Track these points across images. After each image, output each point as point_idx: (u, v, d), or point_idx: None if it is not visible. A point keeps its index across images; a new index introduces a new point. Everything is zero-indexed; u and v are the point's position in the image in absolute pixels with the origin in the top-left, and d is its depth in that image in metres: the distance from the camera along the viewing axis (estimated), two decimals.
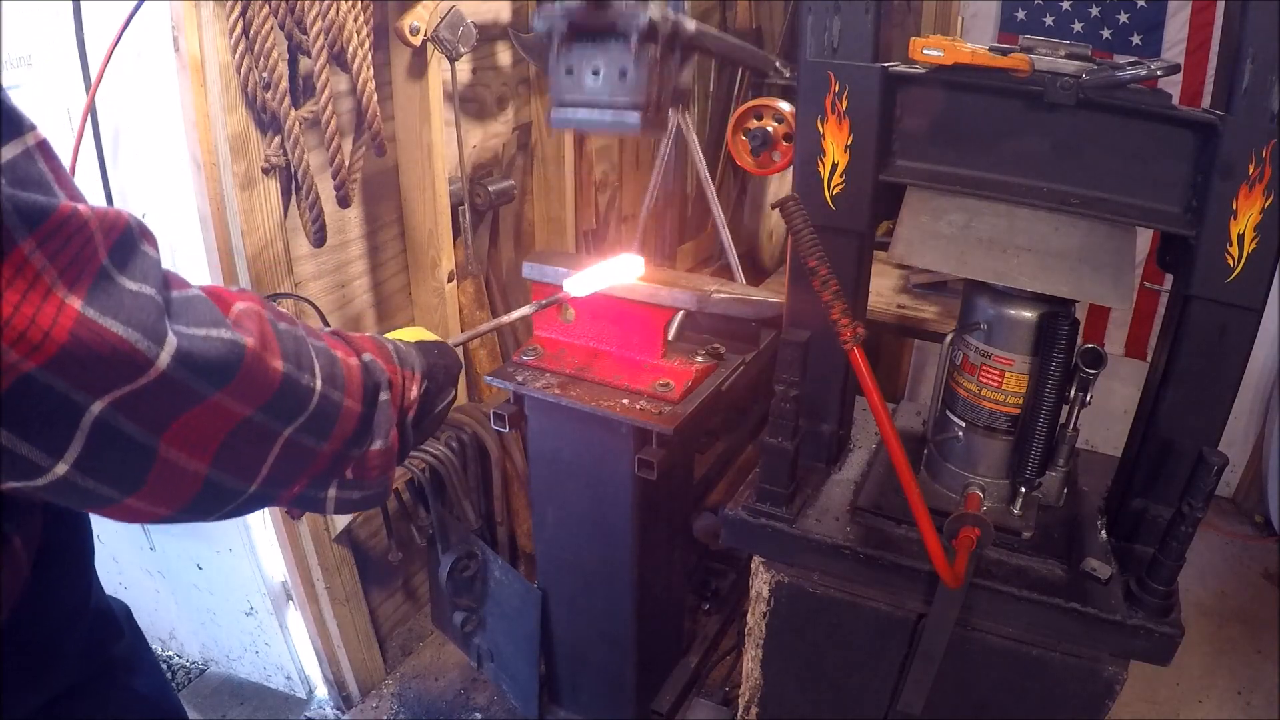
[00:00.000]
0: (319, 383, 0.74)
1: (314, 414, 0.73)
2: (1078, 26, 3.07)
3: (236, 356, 0.63)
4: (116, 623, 0.95)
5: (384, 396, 0.84)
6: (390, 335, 1.04)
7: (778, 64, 2.17)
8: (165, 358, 0.58)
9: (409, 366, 0.93)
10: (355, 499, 0.85)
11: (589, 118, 1.51)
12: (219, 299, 0.67)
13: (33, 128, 0.54)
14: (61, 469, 0.57)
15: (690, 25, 1.55)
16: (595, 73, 1.49)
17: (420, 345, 1.01)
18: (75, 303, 0.53)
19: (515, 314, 1.37)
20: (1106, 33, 3.03)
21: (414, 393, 0.92)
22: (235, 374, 0.64)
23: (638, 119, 1.47)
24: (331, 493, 0.82)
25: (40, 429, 0.55)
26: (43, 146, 0.55)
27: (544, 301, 1.46)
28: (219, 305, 0.66)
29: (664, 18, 1.46)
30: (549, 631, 2.12)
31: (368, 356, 0.85)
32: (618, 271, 1.55)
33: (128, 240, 0.58)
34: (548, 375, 1.76)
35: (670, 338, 1.79)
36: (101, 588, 0.93)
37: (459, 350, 1.12)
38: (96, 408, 0.56)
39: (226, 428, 0.65)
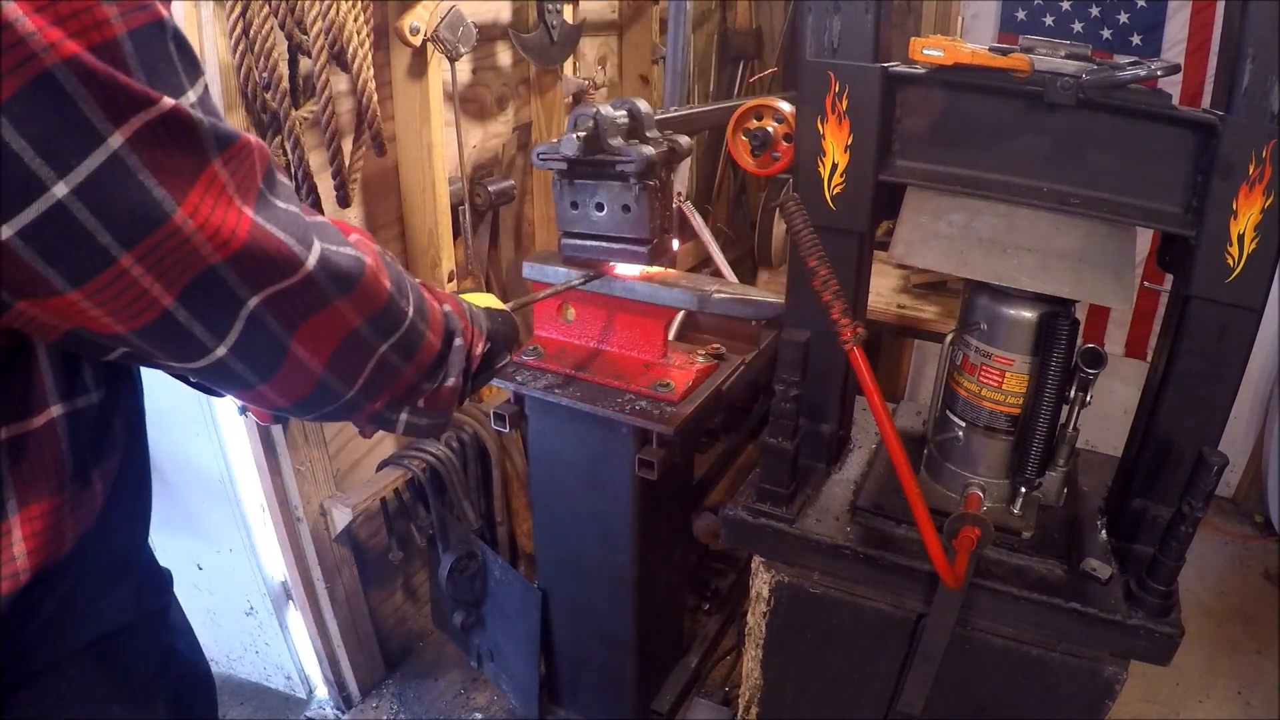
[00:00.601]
0: (411, 310, 0.86)
1: (404, 335, 0.85)
2: (1078, 26, 3.07)
3: (359, 270, 0.76)
4: (164, 579, 1.03)
5: (458, 342, 0.97)
6: (475, 298, 1.17)
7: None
8: (312, 261, 0.70)
9: (478, 325, 1.05)
10: (422, 424, 0.97)
11: (598, 251, 1.57)
12: (341, 226, 0.80)
13: (204, 70, 0.65)
14: (221, 351, 0.69)
15: (685, 142, 1.59)
16: (600, 207, 1.53)
17: (488, 310, 1.13)
18: (249, 212, 0.65)
19: (562, 285, 1.51)
20: (1106, 33, 3.03)
21: (479, 348, 1.03)
22: (357, 284, 0.76)
23: (646, 253, 1.54)
24: (404, 416, 0.94)
25: (212, 314, 0.66)
26: (207, 87, 0.65)
27: (593, 274, 1.51)
28: (341, 230, 0.78)
29: (659, 148, 1.50)
30: (549, 631, 2.12)
31: (447, 308, 0.97)
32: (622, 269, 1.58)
33: (271, 170, 0.70)
34: (548, 375, 1.76)
35: (670, 338, 1.79)
36: (151, 548, 1.01)
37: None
38: (253, 302, 0.68)
39: (340, 334, 0.77)
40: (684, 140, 1.61)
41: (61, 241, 0.56)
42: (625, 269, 1.60)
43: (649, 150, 1.46)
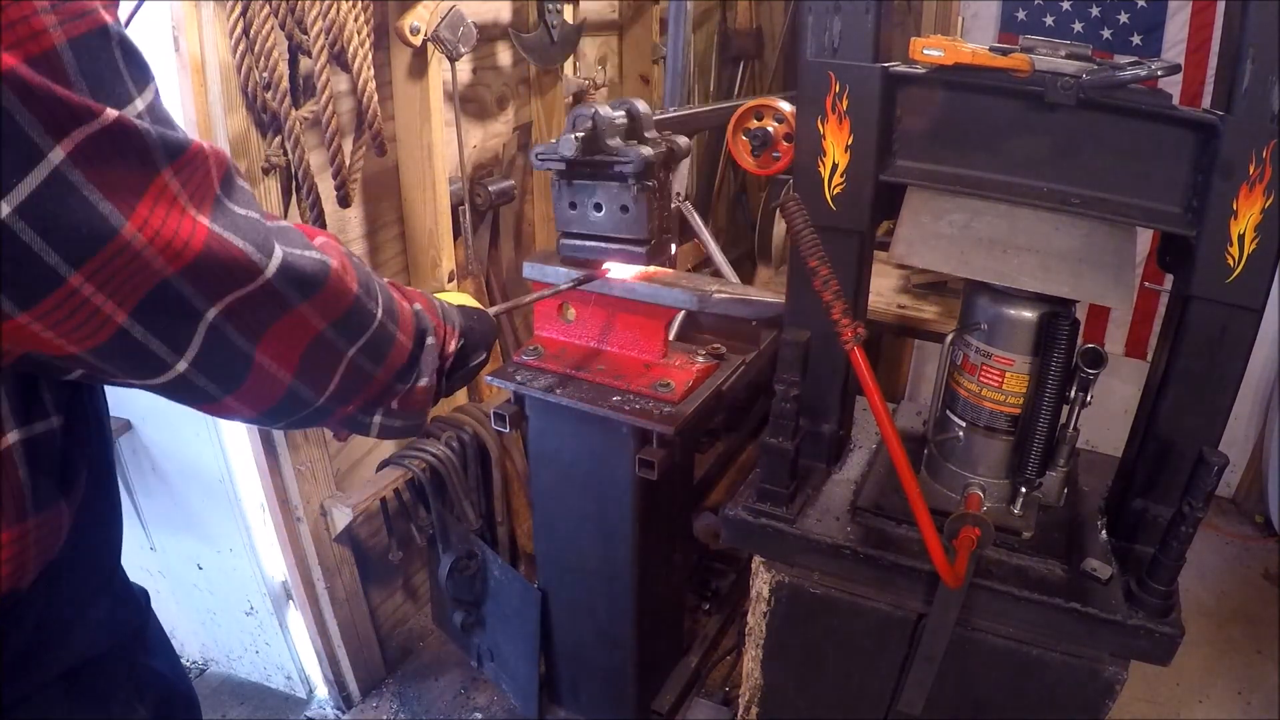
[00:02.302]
0: (380, 311, 0.85)
1: (373, 337, 0.84)
2: (1078, 26, 3.07)
3: (324, 273, 0.75)
4: (137, 600, 1.00)
5: (430, 341, 0.96)
6: (449, 297, 1.15)
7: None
8: (272, 267, 0.69)
9: (450, 322, 1.04)
10: (397, 426, 0.96)
11: (597, 250, 1.57)
12: (304, 230, 0.79)
13: (154, 76, 0.64)
14: (182, 366, 0.67)
15: (684, 142, 1.59)
16: (598, 208, 1.53)
17: (461, 308, 1.12)
18: (204, 220, 0.64)
19: (552, 291, 1.48)
20: (1107, 33, 3.03)
21: (452, 346, 1.02)
22: (320, 288, 0.75)
23: (644, 252, 1.54)
24: (377, 419, 0.94)
25: (169, 328, 0.65)
26: (157, 93, 0.64)
27: (581, 277, 1.51)
28: (305, 234, 0.77)
29: (657, 149, 1.50)
30: (549, 631, 2.12)
31: (418, 306, 0.96)
32: (618, 270, 1.57)
33: (230, 175, 0.69)
34: (548, 375, 1.76)
35: (671, 338, 1.79)
36: (124, 569, 0.97)
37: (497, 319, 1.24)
38: (212, 313, 0.66)
39: (306, 339, 0.76)
40: (682, 141, 1.61)
41: (7, 264, 0.54)
42: (617, 271, 1.60)
43: (647, 151, 1.46)
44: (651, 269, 1.67)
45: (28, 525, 0.70)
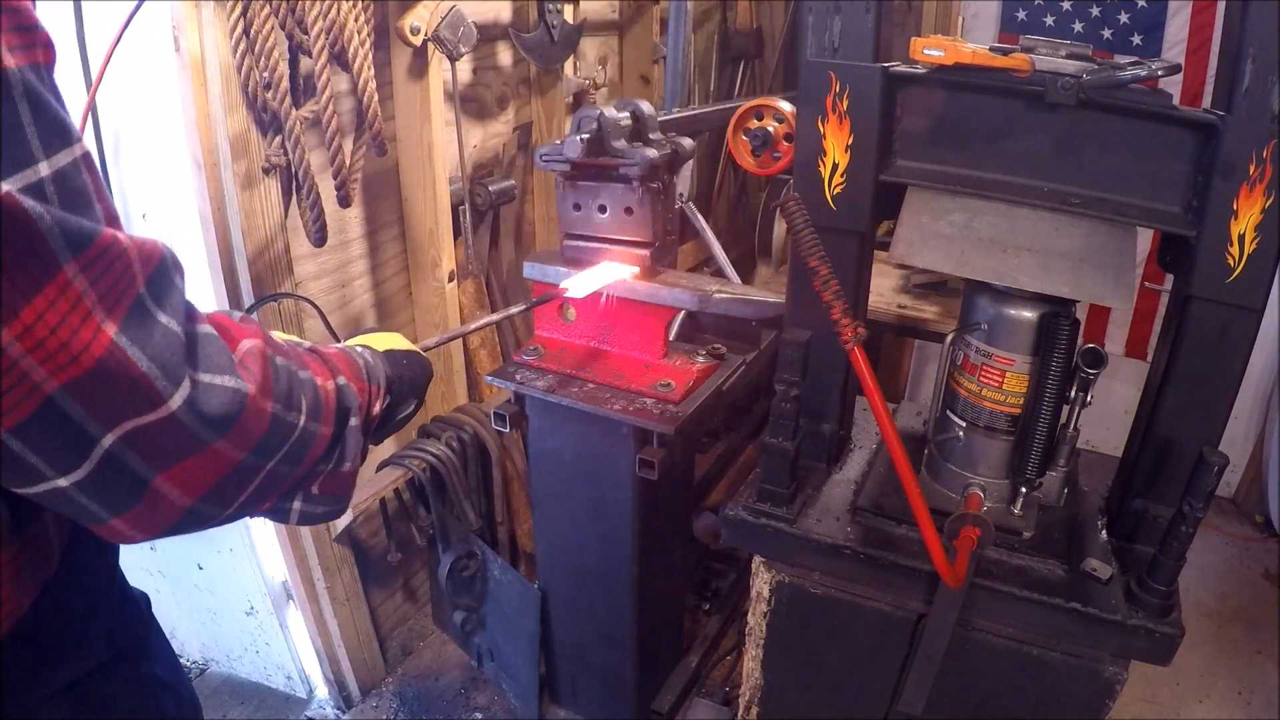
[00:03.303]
0: (303, 418, 0.76)
1: (294, 445, 0.75)
2: (1078, 26, 3.07)
3: (239, 406, 0.66)
4: (139, 607, 0.98)
5: (353, 422, 0.86)
6: (362, 340, 1.05)
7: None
8: (178, 400, 0.60)
9: (375, 381, 0.94)
10: (318, 513, 0.87)
11: (601, 253, 1.59)
12: (228, 336, 0.69)
13: (79, 139, 0.56)
14: (63, 483, 0.58)
15: (688, 144, 1.59)
16: (602, 209, 1.53)
17: (389, 355, 1.02)
18: (110, 329, 0.55)
19: (492, 317, 1.41)
20: (1107, 33, 3.03)
21: (377, 408, 0.94)
22: (234, 423, 0.66)
23: (648, 255, 1.54)
24: (296, 505, 0.85)
25: (55, 450, 0.57)
26: (86, 159, 0.56)
27: (535, 300, 1.49)
28: (228, 343, 0.68)
29: (662, 151, 1.50)
30: (549, 631, 2.12)
31: (342, 380, 0.86)
32: (614, 270, 1.57)
33: (163, 271, 0.60)
34: (548, 375, 1.76)
35: (671, 338, 1.79)
36: (123, 574, 0.96)
37: (431, 355, 1.15)
38: (108, 440, 0.58)
39: (220, 473, 0.68)
40: (687, 143, 1.61)
41: None
42: (575, 288, 1.55)
43: (652, 153, 1.46)
44: (656, 270, 1.68)
45: (13, 550, 0.67)
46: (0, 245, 0.48)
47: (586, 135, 1.47)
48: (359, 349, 0.98)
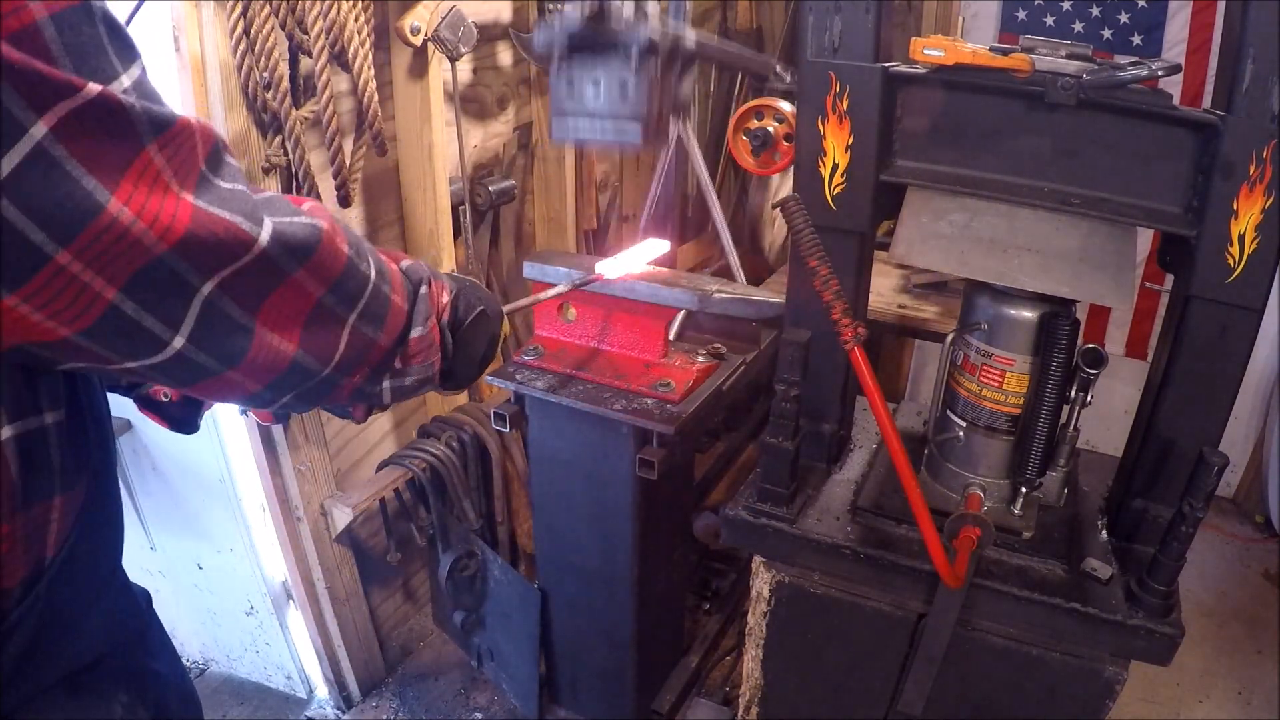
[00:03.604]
0: (373, 273, 0.84)
1: (369, 301, 0.83)
2: (1078, 26, 3.07)
3: (316, 237, 0.74)
4: (138, 602, 0.99)
5: (423, 290, 0.95)
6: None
7: (777, 68, 2.17)
8: (265, 236, 0.68)
9: (437, 278, 1.03)
10: (408, 385, 0.95)
11: (589, 129, 1.51)
12: (291, 199, 0.77)
13: (140, 55, 0.63)
14: (179, 343, 0.66)
15: (690, 38, 1.56)
16: (595, 84, 1.49)
17: (452, 275, 1.11)
18: (189, 197, 0.63)
19: (551, 292, 1.43)
20: (1107, 33, 3.03)
21: (445, 298, 1.02)
22: (314, 252, 0.74)
23: (638, 131, 1.48)
24: (386, 384, 0.93)
25: (163, 305, 0.64)
26: (144, 70, 0.63)
27: (581, 281, 1.48)
28: (293, 202, 0.76)
29: (664, 33, 1.47)
30: (549, 631, 2.12)
31: (406, 263, 0.96)
32: (646, 252, 1.56)
33: (217, 150, 0.67)
34: (549, 375, 1.76)
35: (671, 338, 1.79)
36: (124, 569, 0.96)
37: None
38: (206, 288, 0.65)
39: (307, 307, 0.75)
40: (689, 34, 1.57)
41: None
42: (611, 271, 1.56)
43: (655, 24, 1.43)
44: (649, 269, 1.67)
45: (16, 521, 0.69)
46: (101, 131, 0.56)
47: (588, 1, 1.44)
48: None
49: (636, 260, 1.55)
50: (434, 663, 2.57)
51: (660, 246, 1.59)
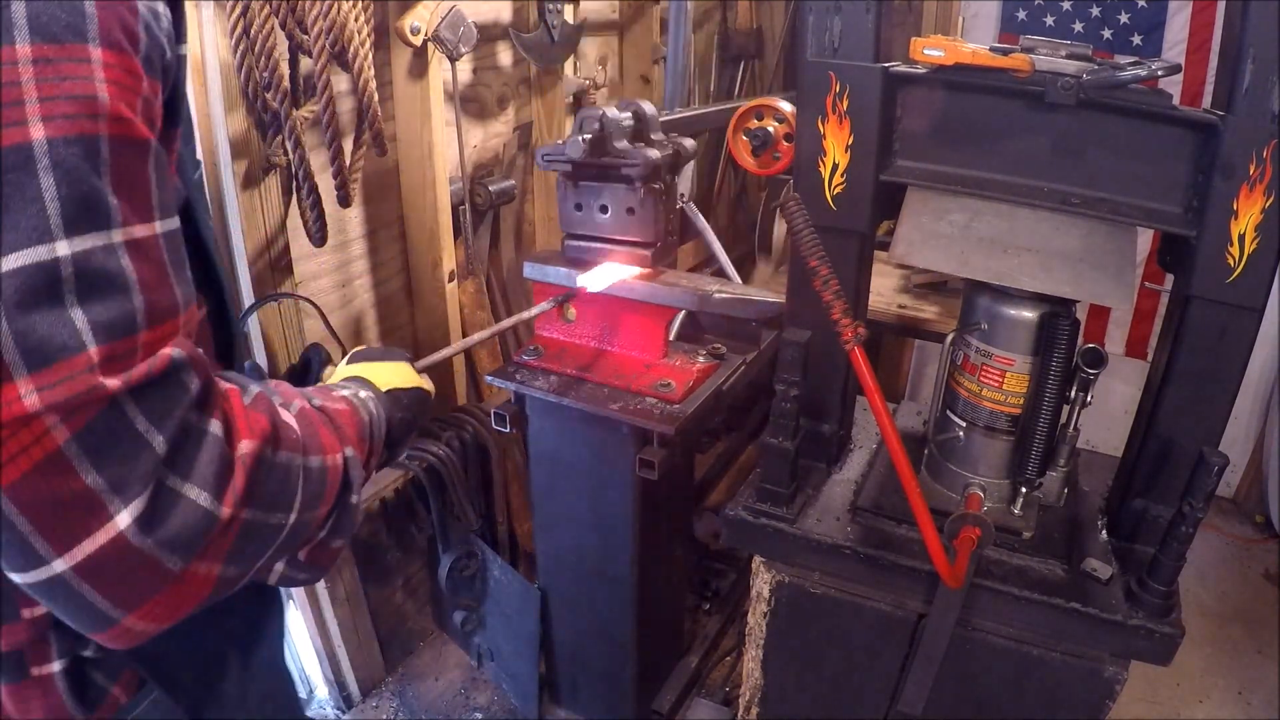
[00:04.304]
0: (293, 515, 0.71)
1: (283, 542, 0.72)
2: (1078, 27, 3.07)
3: (204, 527, 0.62)
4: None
5: (353, 499, 0.82)
6: (365, 369, 1.01)
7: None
8: (125, 519, 0.57)
9: (378, 439, 0.91)
10: (300, 579, 0.83)
11: (601, 253, 1.57)
12: (231, 429, 0.65)
13: (123, 222, 0.57)
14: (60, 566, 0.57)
15: (689, 144, 1.58)
16: (604, 209, 1.53)
17: (393, 396, 0.98)
18: (61, 436, 0.55)
19: (499, 326, 1.39)
20: (1107, 33, 3.03)
21: (374, 467, 0.91)
22: (202, 541, 0.62)
23: (649, 255, 1.53)
24: (279, 567, 0.81)
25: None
26: (134, 245, 0.57)
27: (556, 300, 1.49)
28: (229, 445, 0.65)
29: (664, 151, 1.49)
30: (549, 631, 2.12)
31: (349, 450, 0.81)
32: (624, 267, 1.57)
33: (162, 379, 0.59)
34: (549, 375, 1.76)
35: (671, 338, 1.79)
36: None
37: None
38: (60, 565, 0.57)
39: (206, 591, 0.65)
40: (688, 143, 1.61)
41: None
42: (587, 280, 1.54)
43: (654, 154, 1.46)
44: (656, 270, 1.68)
45: None
46: None
47: (589, 135, 1.47)
48: (365, 396, 0.93)
49: (615, 274, 1.55)
50: (434, 663, 2.57)
51: (629, 268, 1.61)
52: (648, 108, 1.56)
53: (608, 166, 1.50)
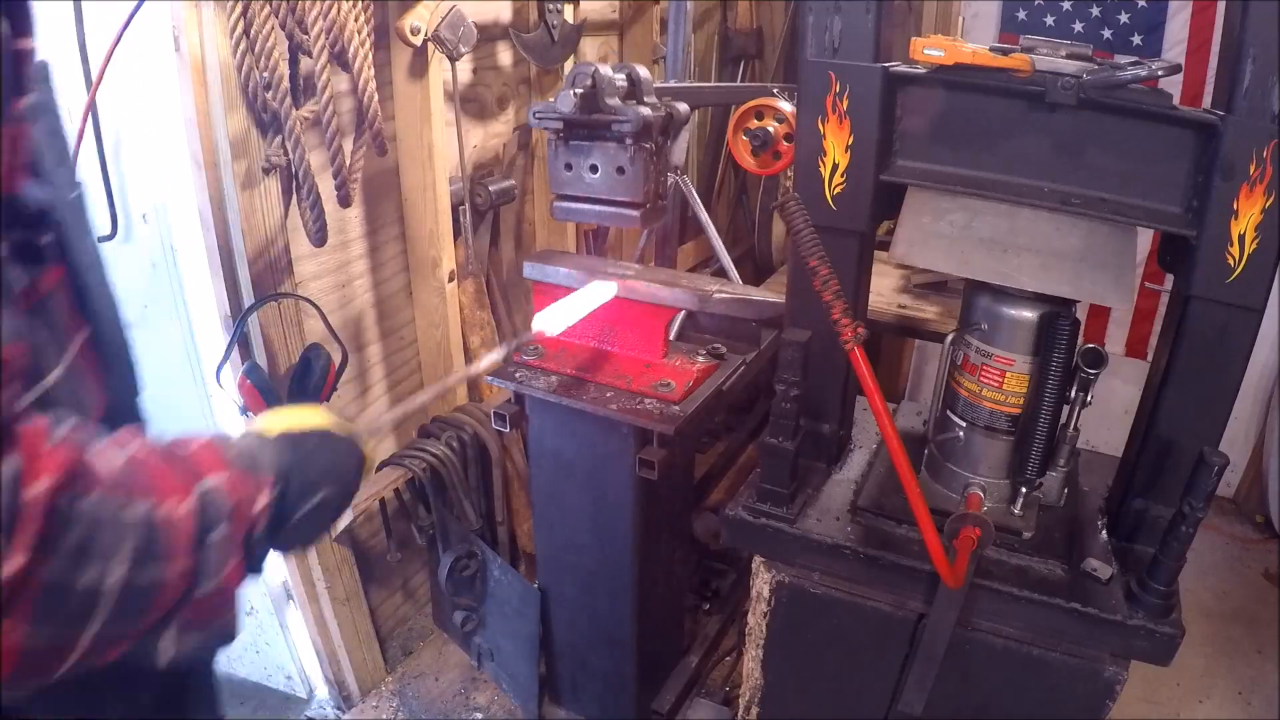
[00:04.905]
0: (121, 568, 0.64)
1: (123, 604, 0.65)
2: (1079, 26, 3.07)
3: None
4: None
5: (216, 536, 0.73)
6: (265, 421, 0.90)
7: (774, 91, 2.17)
8: None
9: (257, 471, 0.81)
10: (200, 638, 0.76)
11: (590, 212, 1.53)
12: (25, 469, 0.58)
13: None
14: None
15: (683, 109, 1.56)
16: (594, 169, 1.51)
17: (288, 438, 0.87)
18: None
19: (449, 380, 1.34)
20: (1107, 33, 3.03)
21: (261, 503, 0.80)
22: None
23: (638, 215, 1.51)
24: (166, 644, 0.73)
25: None
26: None
27: (514, 344, 1.47)
28: (21, 484, 0.58)
29: (656, 112, 1.47)
30: (549, 631, 2.12)
31: (207, 483, 0.73)
32: (588, 300, 1.55)
33: None
34: (549, 375, 1.76)
35: (671, 338, 1.79)
36: None
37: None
38: None
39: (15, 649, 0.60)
40: (682, 107, 1.57)
41: None
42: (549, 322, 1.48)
43: (646, 110, 1.44)
44: (656, 270, 1.67)
45: None
46: None
47: (580, 90, 1.45)
48: (245, 433, 0.86)
49: (573, 311, 1.50)
50: (434, 663, 2.57)
51: (607, 290, 1.59)
52: (641, 70, 1.53)
53: (599, 124, 1.47)
